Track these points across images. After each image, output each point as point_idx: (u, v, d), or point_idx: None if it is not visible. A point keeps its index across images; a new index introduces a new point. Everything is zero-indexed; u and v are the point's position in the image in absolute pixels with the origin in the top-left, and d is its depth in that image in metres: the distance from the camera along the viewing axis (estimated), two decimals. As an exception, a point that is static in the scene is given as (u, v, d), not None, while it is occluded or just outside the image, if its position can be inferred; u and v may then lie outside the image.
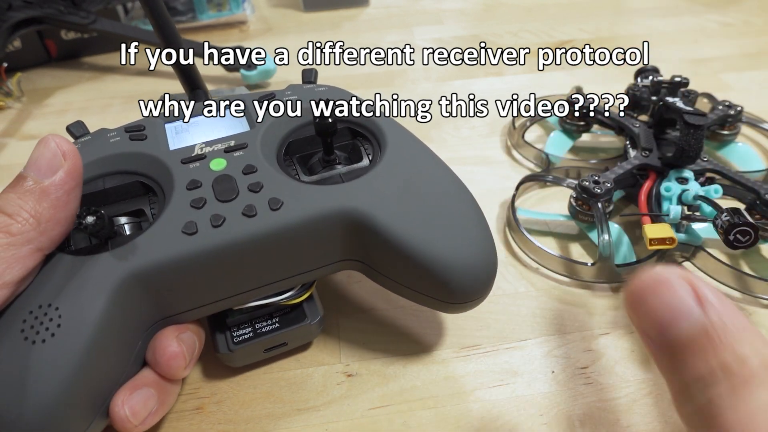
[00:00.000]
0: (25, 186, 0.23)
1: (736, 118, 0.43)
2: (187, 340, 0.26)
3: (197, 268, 0.25)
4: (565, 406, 0.29)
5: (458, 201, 0.28)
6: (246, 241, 0.25)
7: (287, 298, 0.29)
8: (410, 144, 0.30)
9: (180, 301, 0.26)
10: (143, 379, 0.25)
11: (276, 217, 0.25)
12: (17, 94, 0.56)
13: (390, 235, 0.26)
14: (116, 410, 0.24)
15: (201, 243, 0.24)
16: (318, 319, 0.30)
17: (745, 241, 0.29)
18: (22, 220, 0.22)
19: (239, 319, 0.29)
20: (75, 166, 0.24)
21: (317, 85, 0.33)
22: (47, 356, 0.21)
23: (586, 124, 0.45)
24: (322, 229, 0.26)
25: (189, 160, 0.27)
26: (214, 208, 0.25)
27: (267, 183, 0.26)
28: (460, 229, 0.27)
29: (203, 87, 0.36)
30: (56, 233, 0.23)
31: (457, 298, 0.27)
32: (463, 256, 0.27)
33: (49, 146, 0.24)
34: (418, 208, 0.27)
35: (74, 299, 0.22)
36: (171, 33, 0.35)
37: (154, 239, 0.24)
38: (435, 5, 0.73)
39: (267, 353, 0.30)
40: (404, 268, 0.27)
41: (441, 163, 0.30)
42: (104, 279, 0.23)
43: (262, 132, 0.29)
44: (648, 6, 0.71)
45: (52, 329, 0.22)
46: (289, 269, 0.27)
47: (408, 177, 0.28)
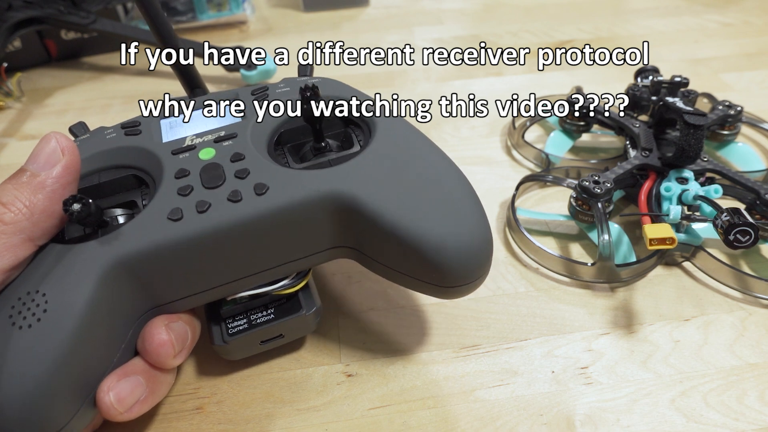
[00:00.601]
0: (23, 178, 0.24)
1: (736, 118, 0.43)
2: (177, 329, 0.26)
3: (183, 255, 0.25)
4: (565, 406, 0.29)
5: (449, 181, 0.27)
6: (231, 226, 0.25)
7: (282, 287, 0.28)
8: (399, 126, 0.29)
9: (170, 289, 0.26)
10: (132, 367, 0.25)
11: (261, 202, 0.25)
12: (17, 94, 0.56)
13: (378, 217, 0.25)
14: (101, 396, 0.24)
15: (186, 228, 0.24)
16: (314, 310, 0.29)
17: (745, 241, 0.29)
18: (16, 210, 0.23)
19: (234, 309, 0.28)
20: (72, 161, 0.25)
21: (311, 77, 0.33)
22: (31, 341, 0.21)
23: (586, 124, 0.45)
24: (310, 213, 0.26)
25: (179, 151, 0.28)
26: (200, 194, 0.25)
27: (254, 169, 0.26)
28: (451, 209, 0.26)
29: (203, 86, 0.36)
30: (49, 225, 0.24)
31: (451, 280, 0.26)
32: (454, 237, 0.25)
33: (50, 142, 0.25)
34: (407, 189, 0.26)
35: (60, 284, 0.23)
36: (168, 34, 0.35)
37: (140, 226, 0.24)
38: (435, 5, 0.73)
39: (264, 346, 0.29)
40: (395, 252, 0.26)
41: (430, 143, 0.29)
42: (90, 265, 0.23)
43: (252, 122, 0.29)
44: (648, 6, 0.71)
45: (38, 314, 0.22)
46: (280, 256, 0.27)
47: (397, 158, 0.27)
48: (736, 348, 0.31)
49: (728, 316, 0.33)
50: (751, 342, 0.32)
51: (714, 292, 0.35)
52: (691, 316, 0.33)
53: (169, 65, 0.36)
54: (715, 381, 0.30)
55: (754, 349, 0.31)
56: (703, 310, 0.34)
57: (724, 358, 0.31)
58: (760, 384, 0.30)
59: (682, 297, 0.34)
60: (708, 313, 0.33)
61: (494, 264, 0.37)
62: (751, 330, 0.32)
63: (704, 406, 0.29)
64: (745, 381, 0.30)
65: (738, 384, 0.30)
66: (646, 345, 0.32)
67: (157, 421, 0.29)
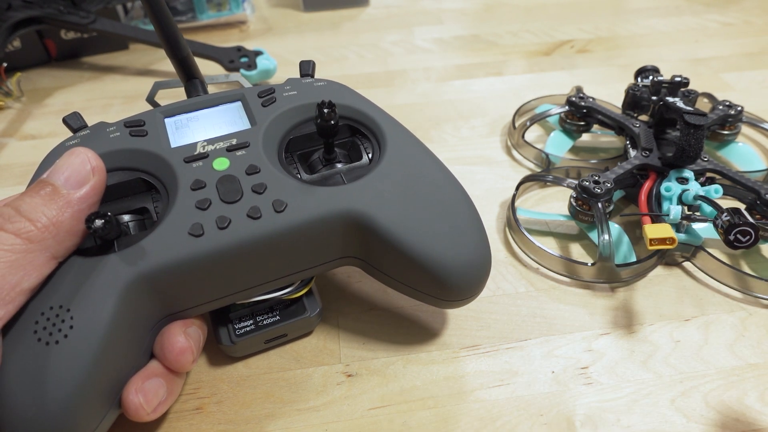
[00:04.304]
0: (50, 193, 0.23)
1: (737, 118, 0.43)
2: (193, 335, 0.27)
3: (203, 269, 0.25)
4: (565, 406, 0.29)
5: (455, 202, 0.29)
6: (251, 242, 0.26)
7: (288, 293, 0.30)
8: (408, 143, 0.30)
9: (186, 299, 0.26)
10: (152, 370, 0.26)
11: (280, 219, 0.26)
12: (17, 94, 0.56)
13: (390, 236, 0.27)
14: (130, 398, 0.24)
15: (207, 245, 0.25)
16: (317, 312, 0.31)
17: (746, 241, 0.29)
18: (42, 227, 0.22)
19: (241, 312, 0.30)
20: (100, 182, 0.25)
21: (315, 79, 0.33)
22: (62, 357, 0.22)
23: (586, 124, 0.45)
24: (325, 229, 0.27)
25: (192, 159, 0.28)
26: (219, 209, 0.26)
27: (270, 184, 0.27)
28: (456, 231, 0.28)
29: (200, 77, 0.36)
30: (72, 244, 0.24)
31: (452, 295, 0.28)
32: (459, 257, 0.27)
33: (80, 158, 0.24)
34: (416, 210, 0.28)
35: (85, 302, 0.23)
36: (173, 36, 0.34)
37: (161, 241, 0.25)
38: (435, 5, 0.73)
39: (267, 344, 0.31)
40: (403, 267, 0.28)
41: (437, 161, 0.30)
42: (114, 281, 0.24)
43: (263, 130, 0.29)
44: (648, 6, 0.71)
45: (65, 330, 0.22)
46: (292, 267, 0.28)
47: (407, 178, 0.28)
48: (736, 348, 0.31)
49: (728, 317, 0.33)
50: (752, 342, 0.32)
51: (714, 292, 0.35)
52: (692, 316, 0.33)
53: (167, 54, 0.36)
54: (716, 381, 0.30)
55: (754, 350, 0.31)
56: (704, 310, 0.34)
57: (725, 359, 0.31)
58: (760, 384, 0.30)
59: (683, 297, 0.34)
60: (708, 314, 0.33)
61: (494, 264, 0.37)
62: (751, 330, 0.32)
63: (704, 407, 0.29)
64: (745, 381, 0.30)
65: (738, 384, 0.30)
66: (647, 345, 0.32)
67: (158, 421, 0.29)
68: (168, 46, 0.34)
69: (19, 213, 0.22)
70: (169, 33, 0.33)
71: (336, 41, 0.65)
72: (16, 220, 0.22)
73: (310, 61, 0.34)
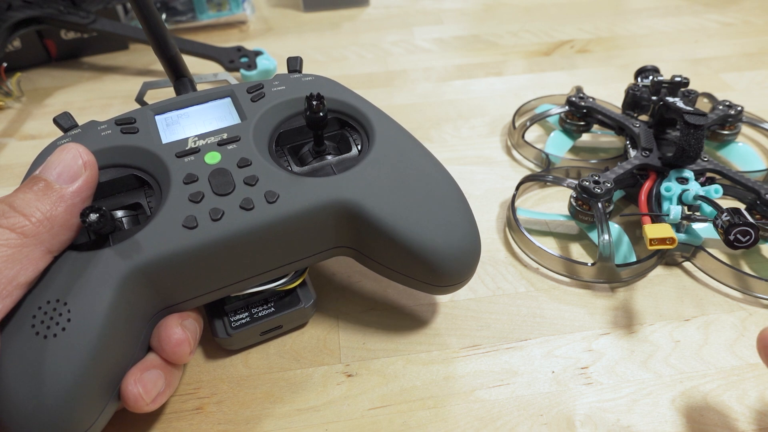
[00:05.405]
0: (43, 188, 0.24)
1: (737, 118, 0.43)
2: (190, 327, 0.27)
3: (198, 260, 0.26)
4: (565, 406, 0.29)
5: (443, 189, 0.29)
6: (245, 233, 0.26)
7: (282, 284, 0.30)
8: (396, 134, 0.31)
9: (182, 291, 0.27)
10: (151, 362, 0.26)
11: (273, 210, 0.26)
12: (17, 94, 0.56)
13: (380, 224, 0.27)
14: (129, 388, 0.25)
15: (201, 236, 0.25)
16: (312, 302, 0.31)
17: (746, 241, 0.29)
18: (37, 221, 0.23)
19: (236, 305, 0.30)
20: (93, 176, 0.25)
21: (303, 74, 0.33)
22: (60, 350, 0.22)
23: (586, 124, 0.45)
24: (317, 219, 0.27)
25: (183, 154, 0.28)
26: (212, 202, 0.26)
27: (262, 176, 0.27)
28: (446, 218, 0.28)
29: (189, 75, 0.36)
30: (66, 237, 0.24)
31: (443, 281, 0.29)
32: (449, 243, 0.28)
33: (70, 153, 0.25)
34: (406, 198, 0.28)
35: (82, 295, 0.23)
36: (161, 35, 0.34)
37: (156, 234, 0.25)
38: (435, 5, 0.73)
39: (263, 336, 0.31)
40: (394, 254, 0.28)
41: (425, 151, 0.31)
42: (109, 275, 0.24)
43: (253, 124, 0.30)
44: (648, 6, 0.71)
45: (63, 324, 0.22)
46: (286, 257, 0.28)
47: (396, 167, 0.29)
48: (736, 348, 0.31)
49: (728, 316, 0.33)
50: (752, 342, 0.32)
51: (714, 292, 0.35)
52: (692, 316, 0.33)
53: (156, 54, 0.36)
54: (716, 381, 0.30)
55: (754, 350, 0.31)
56: (704, 310, 0.34)
57: (725, 359, 0.31)
58: (760, 384, 0.30)
59: (683, 297, 0.34)
60: (708, 313, 0.33)
61: (494, 264, 0.37)
62: (751, 330, 0.32)
63: (705, 407, 0.29)
64: (745, 381, 0.30)
65: (738, 384, 0.30)
66: (647, 345, 0.32)
67: (157, 421, 0.29)
68: (156, 45, 0.34)
69: (13, 208, 0.23)
70: (157, 32, 0.34)
71: (336, 41, 0.65)
72: (11, 216, 0.22)
73: (298, 57, 0.34)
